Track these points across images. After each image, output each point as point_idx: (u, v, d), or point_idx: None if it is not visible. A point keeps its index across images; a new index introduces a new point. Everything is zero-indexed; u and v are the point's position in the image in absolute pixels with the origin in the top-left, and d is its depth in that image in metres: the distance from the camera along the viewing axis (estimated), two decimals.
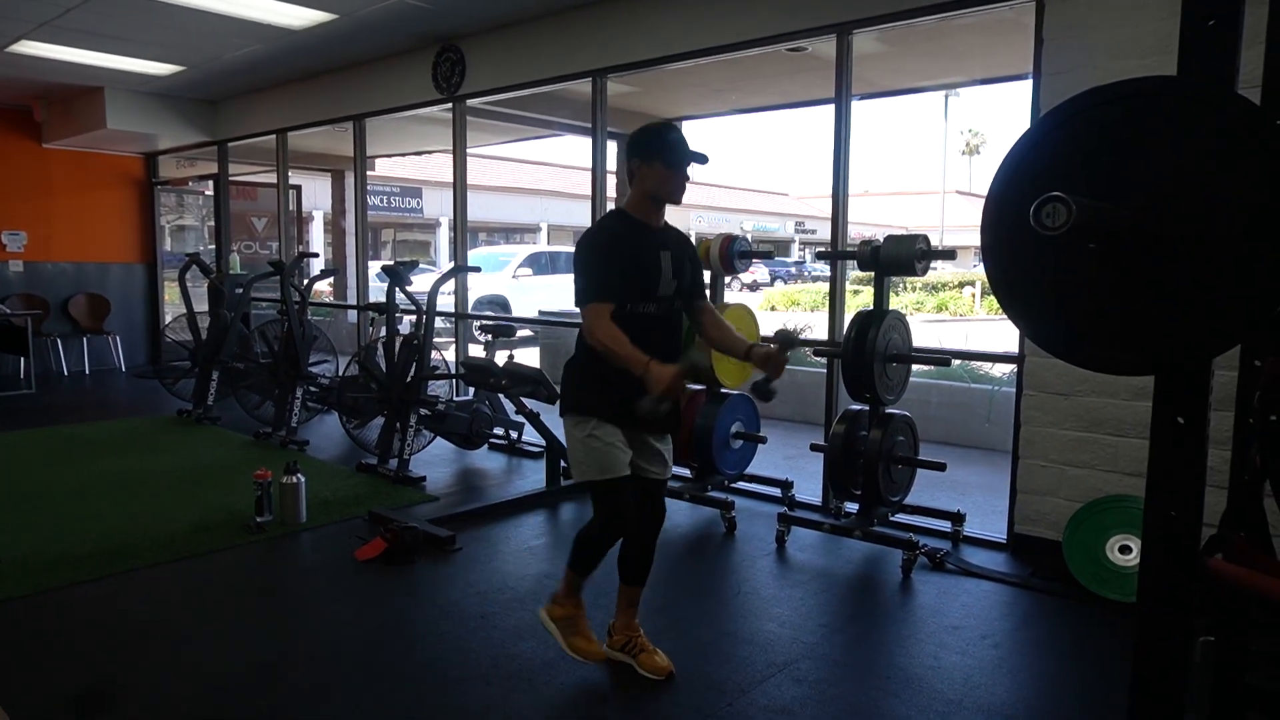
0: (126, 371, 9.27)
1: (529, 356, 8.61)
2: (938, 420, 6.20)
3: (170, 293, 9.74)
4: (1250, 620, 1.88)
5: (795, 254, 35.88)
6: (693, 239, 2.89)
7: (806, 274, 28.89)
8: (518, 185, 23.58)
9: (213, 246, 9.67)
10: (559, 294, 13.62)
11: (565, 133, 7.79)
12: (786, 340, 2.41)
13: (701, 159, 2.52)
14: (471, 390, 5.57)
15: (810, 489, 4.59)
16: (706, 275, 4.25)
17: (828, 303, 4.51)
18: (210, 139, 8.55)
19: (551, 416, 4.36)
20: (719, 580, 3.56)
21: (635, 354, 2.32)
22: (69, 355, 9.12)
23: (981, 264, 1.66)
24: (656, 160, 2.48)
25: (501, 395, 5.26)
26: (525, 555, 3.78)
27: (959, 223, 29.55)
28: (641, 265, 2.48)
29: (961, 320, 17.23)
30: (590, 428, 2.50)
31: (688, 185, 2.56)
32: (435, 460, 5.41)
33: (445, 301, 6.16)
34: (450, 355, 6.31)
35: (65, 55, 6.52)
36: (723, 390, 4.37)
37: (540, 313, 11.51)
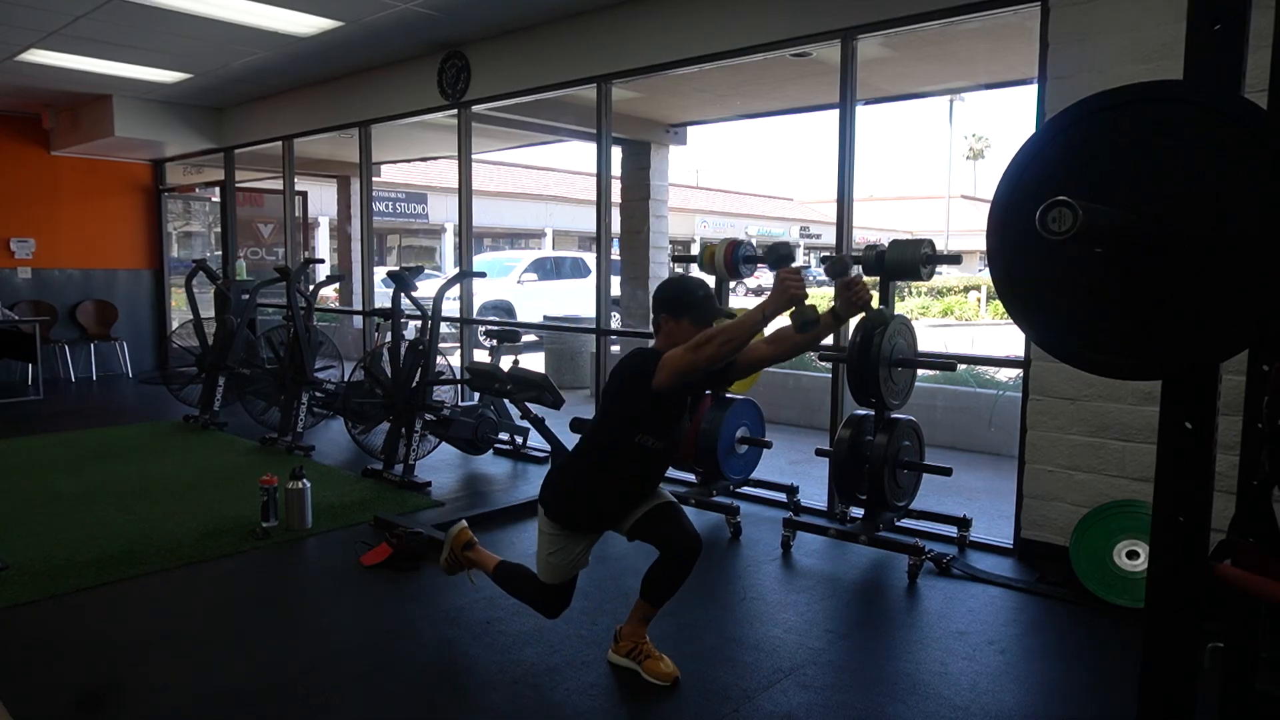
0: (133, 377, 9.30)
1: (534, 361, 8.63)
2: (944, 425, 6.18)
3: (177, 299, 9.77)
4: (1260, 626, 1.86)
5: (800, 259, 35.85)
6: (697, 244, 2.91)
7: (811, 279, 28.87)
8: (523, 191, 23.63)
9: (219, 253, 9.71)
10: (563, 299, 13.66)
11: (570, 138, 7.81)
12: (835, 267, 2.57)
13: (728, 314, 2.72)
14: (476, 395, 5.58)
15: (816, 494, 4.58)
16: (711, 281, 4.27)
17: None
18: (217, 146, 8.59)
19: (555, 421, 4.36)
20: (724, 586, 3.55)
21: (747, 315, 2.32)
22: (76, 361, 9.15)
23: (987, 268, 1.66)
24: (685, 318, 2.56)
25: (506, 400, 5.26)
26: (530, 560, 3.75)
27: (964, 227, 29.49)
28: (664, 408, 2.54)
29: (967, 325, 17.21)
30: (560, 538, 2.67)
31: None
32: (440, 465, 5.41)
33: (450, 307, 6.18)
34: (455, 360, 6.32)
35: (74, 64, 6.56)
36: (728, 395, 4.37)
37: (545, 318, 11.55)
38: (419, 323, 5.61)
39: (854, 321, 3.90)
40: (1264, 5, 1.66)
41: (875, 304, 2.77)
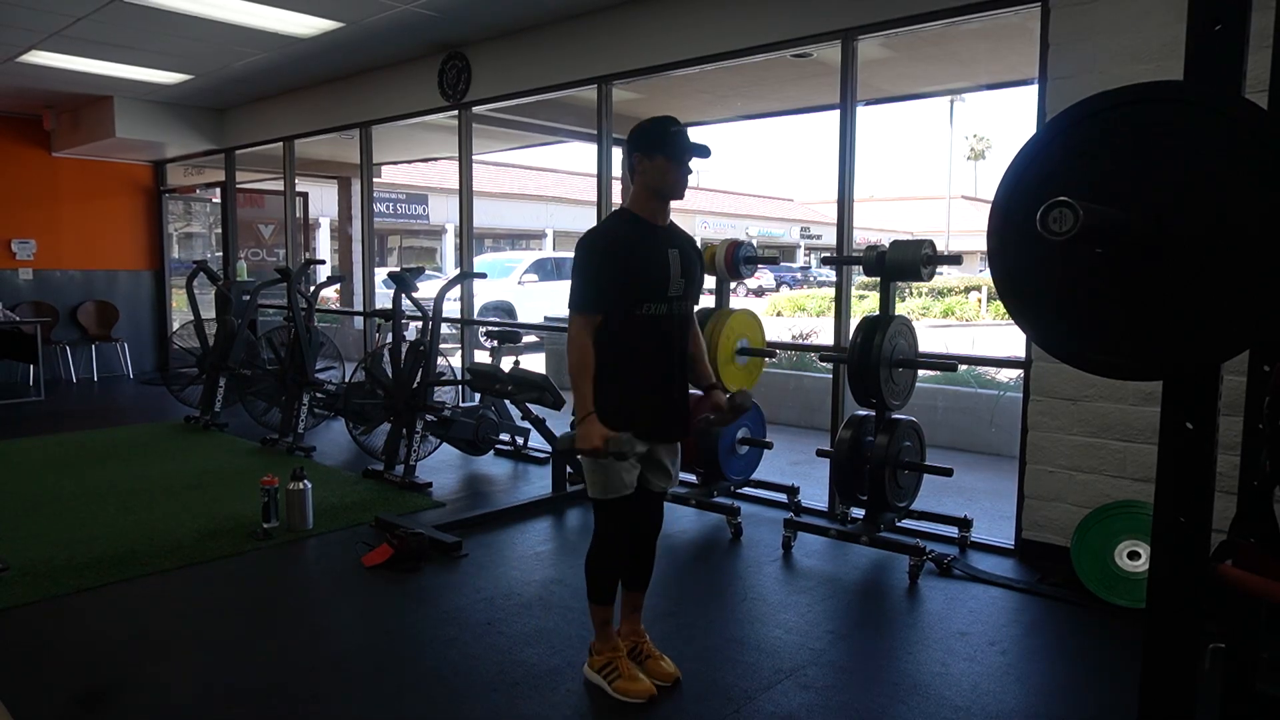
0: (134, 378, 9.31)
1: (534, 362, 8.62)
2: (944, 425, 6.18)
3: (178, 300, 9.78)
4: (1261, 627, 1.86)
5: (800, 259, 35.87)
6: (698, 244, 2.89)
7: (812, 279, 28.88)
8: (523, 191, 23.64)
9: (220, 254, 9.71)
10: (564, 300, 13.64)
11: (571, 139, 7.81)
12: (739, 406, 2.60)
13: (703, 152, 2.48)
14: (477, 396, 5.58)
15: (816, 495, 4.58)
16: (711, 281, 4.27)
17: (833, 308, 4.50)
18: (218, 147, 8.59)
19: (556, 422, 4.36)
20: (725, 586, 3.55)
21: (587, 393, 2.37)
22: (77, 362, 9.16)
23: (988, 269, 1.66)
24: (658, 154, 2.43)
25: (507, 401, 5.26)
26: (531, 561, 3.78)
27: (965, 227, 29.50)
28: (650, 264, 2.45)
29: (968, 325, 17.19)
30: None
31: (689, 183, 2.55)
32: (441, 466, 5.42)
33: (451, 308, 6.18)
34: (456, 361, 6.32)
35: (75, 65, 6.56)
36: (728, 395, 4.36)
37: (546, 318, 11.53)
38: (420, 324, 5.61)
39: (854, 322, 3.91)
40: (1264, 5, 1.66)
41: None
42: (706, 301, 3.45)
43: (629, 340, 2.44)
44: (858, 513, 4.11)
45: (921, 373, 4.11)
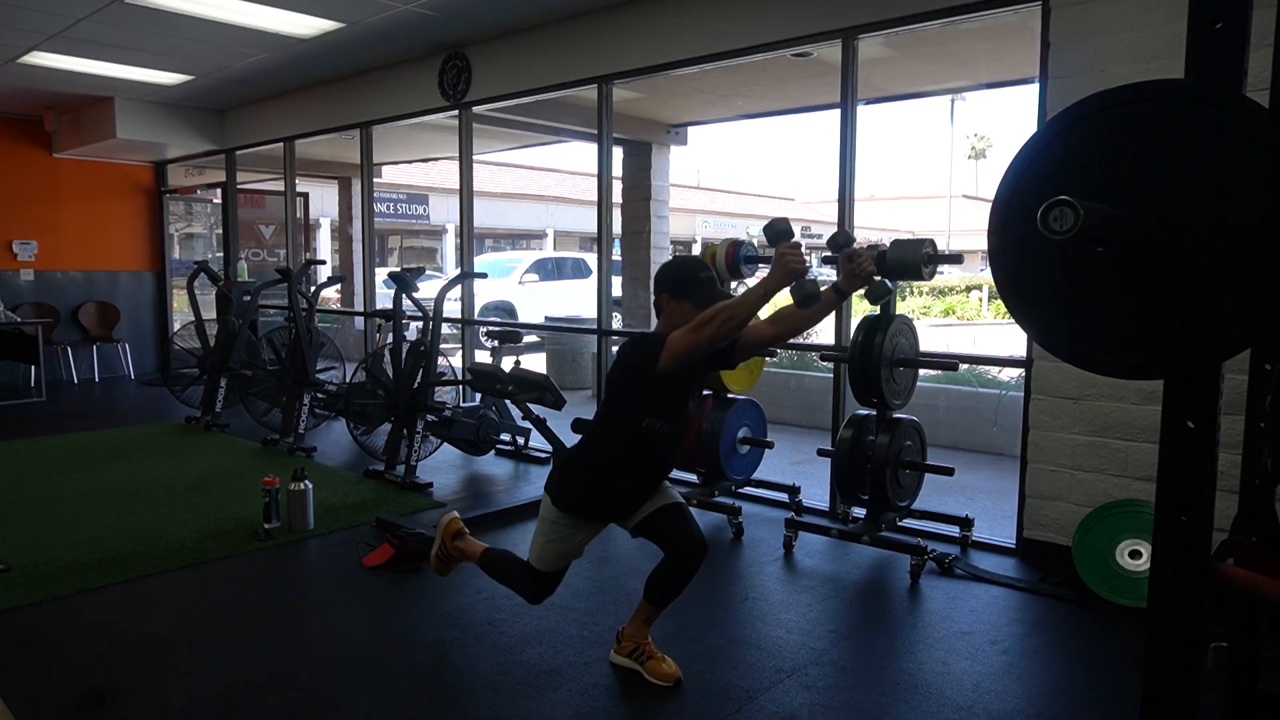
0: (135, 379, 9.31)
1: (535, 362, 8.63)
2: (945, 425, 6.18)
3: (179, 300, 9.79)
4: (1263, 626, 1.86)
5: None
6: (699, 244, 2.92)
7: (812, 278, 28.78)
8: (524, 191, 23.63)
9: (221, 254, 9.72)
10: (565, 300, 13.66)
11: (571, 139, 7.82)
12: (835, 243, 2.71)
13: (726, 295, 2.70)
14: (478, 396, 5.58)
15: (818, 494, 4.57)
16: None
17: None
18: (218, 147, 8.60)
19: (557, 422, 4.36)
20: (727, 586, 3.55)
21: (748, 292, 2.34)
22: (79, 363, 9.16)
23: (989, 268, 1.66)
24: (685, 300, 2.55)
25: (508, 401, 5.26)
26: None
27: (966, 227, 29.48)
28: (670, 390, 2.55)
29: (969, 324, 17.18)
30: (563, 526, 2.65)
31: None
32: (442, 466, 5.41)
33: (452, 308, 6.18)
34: (457, 361, 6.32)
35: (75, 66, 6.57)
36: (730, 395, 4.36)
37: (546, 318, 11.55)
38: (420, 324, 5.61)
39: (855, 321, 3.90)
40: (1265, 4, 1.65)
41: (876, 276, 2.82)
42: None
43: (623, 450, 2.60)
44: (859, 512, 4.11)
45: (923, 372, 4.11)
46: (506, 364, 5.28)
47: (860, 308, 5.87)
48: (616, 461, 2.61)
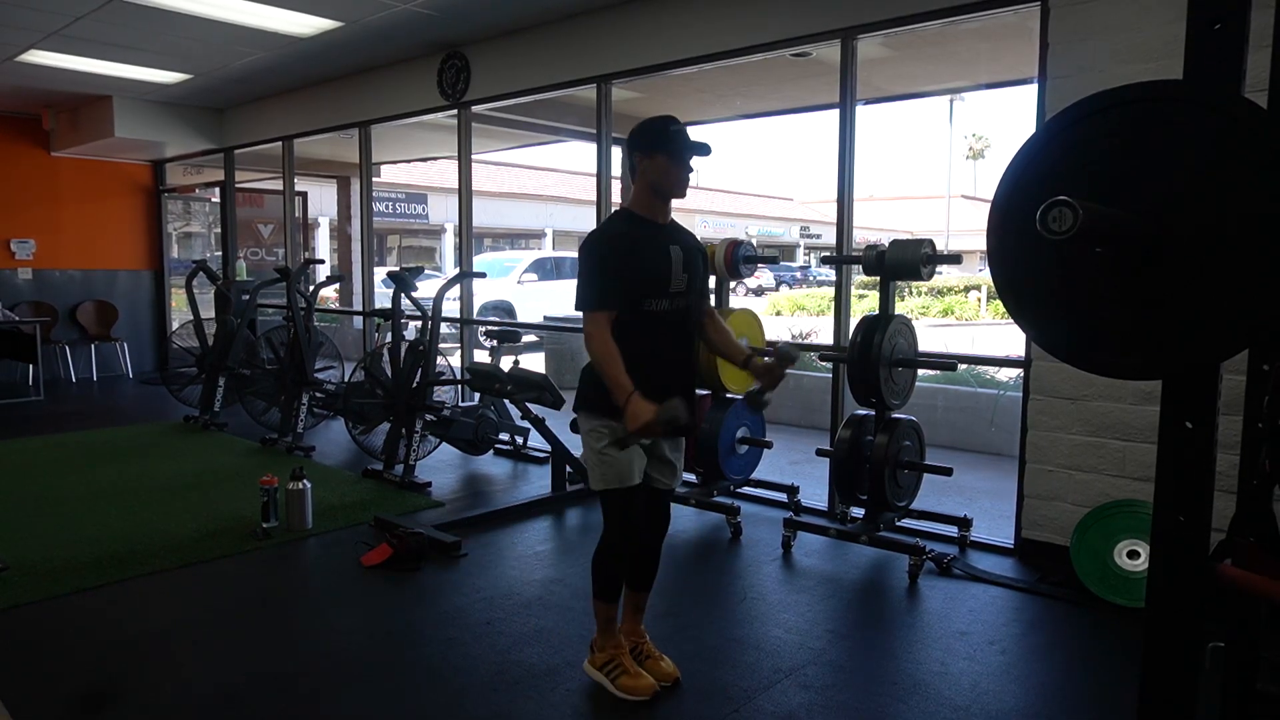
0: (134, 378, 9.31)
1: (534, 362, 8.62)
2: (944, 425, 6.18)
3: (177, 299, 9.77)
4: (1261, 626, 1.86)
5: (800, 259, 35.87)
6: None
7: (811, 279, 28.88)
8: (523, 191, 23.64)
9: (219, 253, 9.71)
10: (564, 299, 13.66)
11: (570, 138, 7.81)
12: (785, 355, 2.43)
13: (703, 150, 2.48)
14: (477, 396, 5.58)
15: (816, 494, 4.58)
16: (711, 280, 4.26)
17: (833, 307, 4.50)
18: (217, 146, 8.59)
19: (556, 421, 4.36)
20: (725, 586, 3.55)
21: (622, 379, 2.32)
22: (77, 362, 9.16)
23: (987, 268, 1.66)
24: (659, 153, 2.44)
25: (507, 401, 5.26)
26: (531, 561, 3.78)
27: (964, 227, 29.50)
28: (651, 262, 2.46)
29: (967, 325, 17.20)
30: (606, 435, 2.46)
31: (690, 181, 2.55)
32: (441, 466, 5.41)
33: (450, 307, 6.18)
34: (455, 361, 6.32)
35: (74, 64, 6.56)
36: (728, 395, 4.36)
37: (545, 318, 11.54)
38: (419, 323, 5.61)
39: (854, 321, 3.91)
40: (1264, 5, 1.65)
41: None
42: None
43: (632, 337, 2.43)
44: (857, 512, 4.11)
45: (921, 372, 4.11)
46: (505, 363, 5.28)
47: (859, 307, 5.87)
48: (629, 351, 2.40)
